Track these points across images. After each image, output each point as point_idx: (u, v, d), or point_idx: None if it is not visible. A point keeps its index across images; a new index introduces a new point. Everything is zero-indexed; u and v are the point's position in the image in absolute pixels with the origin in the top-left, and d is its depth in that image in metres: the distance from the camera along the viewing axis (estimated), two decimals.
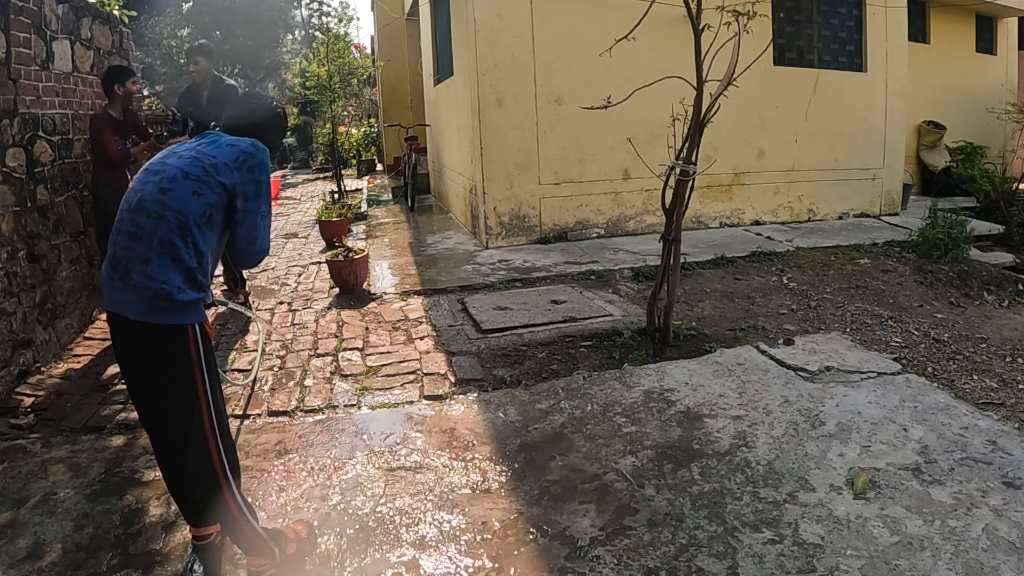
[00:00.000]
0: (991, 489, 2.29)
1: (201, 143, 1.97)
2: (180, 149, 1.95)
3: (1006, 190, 7.56)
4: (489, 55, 6.18)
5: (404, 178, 9.76)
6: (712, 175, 6.81)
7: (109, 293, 1.83)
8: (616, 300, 4.67)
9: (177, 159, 1.90)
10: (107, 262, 1.85)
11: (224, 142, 1.96)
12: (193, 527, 2.00)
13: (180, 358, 1.83)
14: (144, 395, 1.88)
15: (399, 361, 3.71)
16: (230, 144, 1.94)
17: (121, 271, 1.79)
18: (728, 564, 2.00)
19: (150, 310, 1.78)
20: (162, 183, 1.84)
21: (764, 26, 4.57)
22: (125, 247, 1.80)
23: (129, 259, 1.79)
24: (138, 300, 1.78)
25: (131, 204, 1.85)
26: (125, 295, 1.79)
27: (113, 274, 1.81)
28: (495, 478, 2.54)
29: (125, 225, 1.83)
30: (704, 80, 3.50)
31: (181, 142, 2.11)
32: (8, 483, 2.60)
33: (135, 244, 1.79)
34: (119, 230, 1.84)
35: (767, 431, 2.77)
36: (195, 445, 1.89)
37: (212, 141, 1.97)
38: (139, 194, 1.84)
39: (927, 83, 9.30)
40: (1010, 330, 4.31)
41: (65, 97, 4.28)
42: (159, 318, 1.79)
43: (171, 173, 1.85)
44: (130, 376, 1.89)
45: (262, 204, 1.97)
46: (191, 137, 3.57)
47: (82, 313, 4.36)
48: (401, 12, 12.70)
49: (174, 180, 1.84)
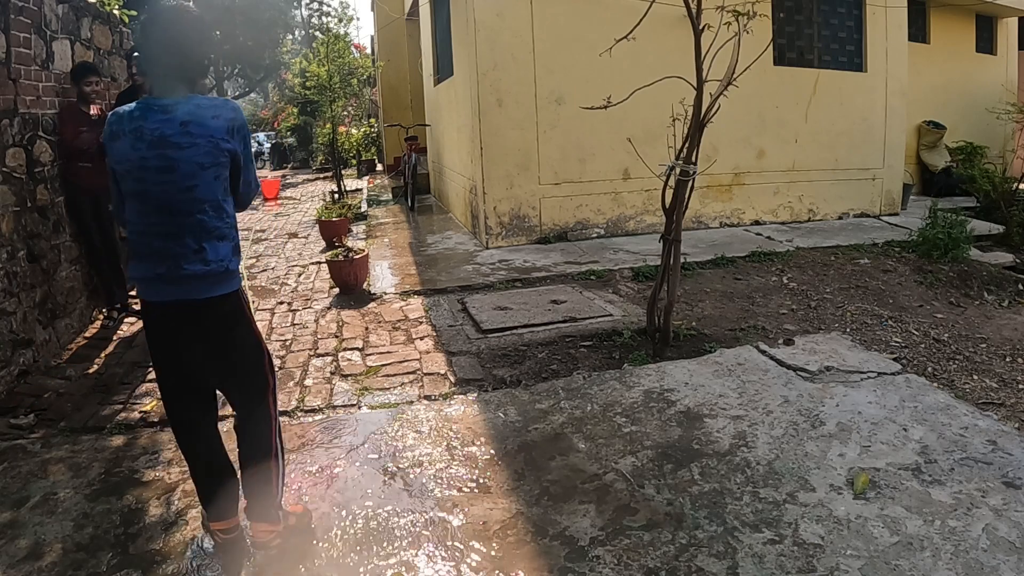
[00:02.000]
0: (991, 489, 2.29)
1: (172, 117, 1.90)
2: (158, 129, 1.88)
3: (1006, 190, 7.56)
4: (489, 55, 6.18)
5: (404, 178, 9.76)
6: (712, 175, 6.81)
7: (158, 288, 1.94)
8: (616, 300, 4.67)
9: (177, 150, 1.88)
10: (144, 263, 1.94)
11: (205, 114, 1.93)
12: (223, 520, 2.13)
13: (242, 318, 2.08)
14: (216, 363, 2.06)
15: (399, 361, 3.71)
16: (213, 116, 1.94)
17: (169, 266, 1.92)
18: (728, 564, 2.00)
19: (211, 286, 1.97)
20: (184, 181, 1.90)
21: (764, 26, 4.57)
22: (165, 246, 1.91)
23: (177, 255, 1.91)
24: (199, 283, 1.95)
25: (153, 207, 1.91)
26: (181, 284, 1.94)
27: (161, 271, 1.92)
28: (495, 478, 2.54)
29: (157, 227, 1.92)
30: (704, 80, 3.50)
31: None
32: (8, 483, 2.60)
33: (178, 242, 1.92)
34: (150, 232, 1.92)
35: (767, 431, 2.77)
36: (262, 392, 2.16)
37: (190, 113, 1.91)
38: (164, 197, 1.90)
39: (927, 83, 9.30)
40: (1010, 330, 4.31)
41: (65, 97, 4.28)
42: (221, 289, 2.00)
43: (188, 168, 1.90)
44: (195, 353, 2.03)
45: (250, 151, 2.12)
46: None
47: (82, 313, 4.36)
48: (401, 12, 12.70)
49: (195, 175, 1.91)
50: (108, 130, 1.95)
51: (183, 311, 1.97)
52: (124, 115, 1.94)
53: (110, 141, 1.94)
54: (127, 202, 1.97)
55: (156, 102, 1.95)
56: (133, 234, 1.97)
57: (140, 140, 1.89)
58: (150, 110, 1.93)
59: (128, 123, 1.92)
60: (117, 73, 5.26)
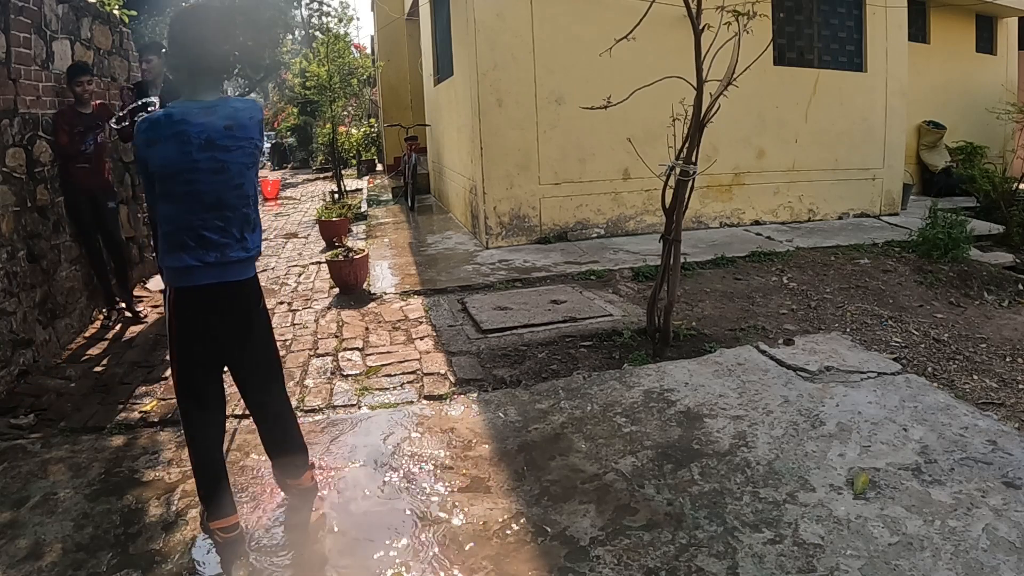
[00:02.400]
0: (991, 489, 2.29)
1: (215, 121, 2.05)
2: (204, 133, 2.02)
3: (1006, 190, 7.56)
4: (489, 55, 6.18)
5: (404, 178, 9.76)
6: (712, 175, 6.81)
7: (204, 273, 2.10)
8: (616, 300, 4.67)
9: (225, 152, 2.06)
10: (191, 253, 2.07)
11: (243, 116, 2.12)
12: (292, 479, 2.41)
13: (262, 296, 2.32)
14: (244, 338, 2.25)
15: (399, 361, 3.71)
16: (250, 117, 2.14)
17: (218, 254, 2.10)
18: (728, 564, 2.00)
19: (246, 269, 2.22)
20: (234, 180, 2.10)
21: (764, 26, 4.57)
22: (215, 238, 2.09)
23: (224, 244, 2.11)
24: (239, 266, 2.17)
25: (207, 204, 2.07)
26: (225, 268, 2.13)
27: (209, 260, 2.09)
28: (495, 478, 2.54)
29: (209, 222, 2.08)
30: (704, 80, 3.50)
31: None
32: (8, 483, 2.60)
33: (227, 233, 2.11)
34: (202, 227, 2.07)
35: (767, 431, 2.77)
36: (279, 365, 2.44)
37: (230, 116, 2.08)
38: (214, 195, 2.07)
39: (927, 83, 9.30)
40: (1010, 330, 4.31)
41: (65, 97, 4.28)
42: (250, 272, 2.25)
43: (236, 169, 2.10)
44: (232, 328, 2.21)
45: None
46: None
47: (82, 313, 4.36)
48: (401, 12, 12.70)
49: (242, 174, 2.12)
50: (143, 138, 2.02)
51: (223, 291, 2.15)
52: (160, 120, 2.02)
53: (148, 148, 2.02)
54: (171, 202, 2.06)
55: (195, 105, 2.06)
56: (180, 229, 2.07)
57: (187, 144, 2.01)
58: (191, 113, 2.03)
59: (167, 128, 2.00)
60: (117, 73, 5.26)
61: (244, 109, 2.13)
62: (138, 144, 2.06)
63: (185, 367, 2.20)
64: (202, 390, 2.23)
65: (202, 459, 2.22)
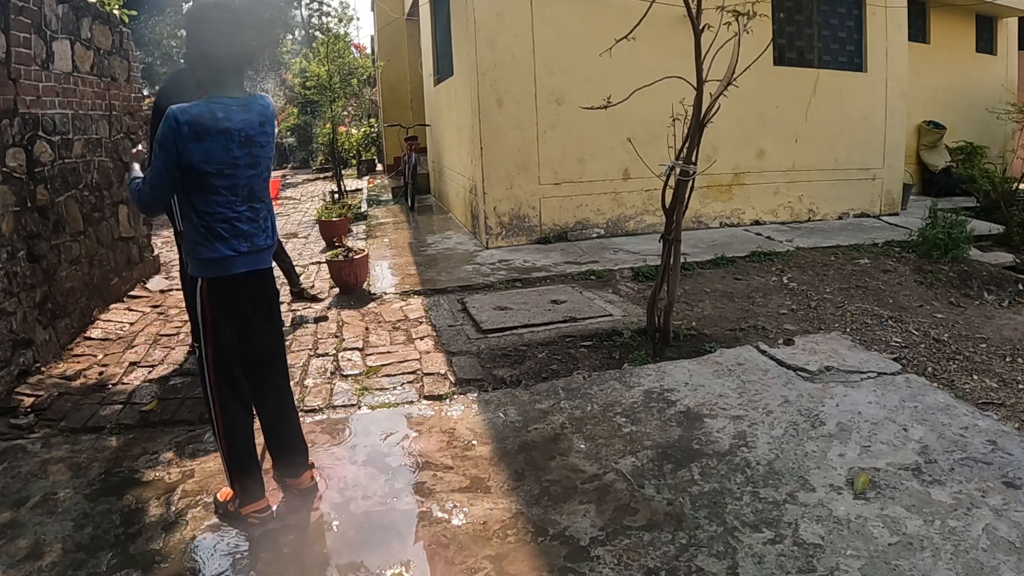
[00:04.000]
0: (991, 489, 2.29)
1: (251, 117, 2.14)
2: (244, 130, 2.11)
3: (1006, 190, 7.56)
4: (489, 55, 6.18)
5: (404, 178, 9.76)
6: (712, 175, 6.81)
7: (238, 262, 2.19)
8: (616, 300, 4.66)
9: (260, 148, 2.17)
10: (227, 244, 2.15)
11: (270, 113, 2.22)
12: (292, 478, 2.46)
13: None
14: (267, 324, 2.34)
15: (399, 361, 3.71)
16: (273, 114, 2.25)
17: (250, 243, 2.20)
18: (728, 564, 2.00)
19: (269, 257, 2.33)
20: (263, 173, 2.23)
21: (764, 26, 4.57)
22: (249, 228, 2.20)
23: (255, 234, 2.22)
24: (266, 254, 2.30)
25: (242, 197, 2.17)
26: (257, 256, 2.25)
27: (244, 249, 2.19)
28: (495, 478, 2.54)
29: (245, 214, 2.19)
30: (704, 80, 3.50)
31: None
32: (8, 483, 2.60)
33: (257, 224, 2.23)
34: (238, 218, 2.16)
35: (767, 431, 2.77)
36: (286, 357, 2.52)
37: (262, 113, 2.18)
38: (248, 188, 2.18)
39: (927, 83, 9.29)
40: (1010, 330, 4.30)
41: (65, 97, 4.28)
42: (271, 260, 2.36)
43: (267, 163, 2.23)
44: (259, 314, 2.30)
45: None
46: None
47: (82, 313, 4.36)
48: (401, 12, 12.70)
49: (268, 168, 2.25)
50: (185, 130, 2.02)
51: (254, 278, 2.26)
52: (205, 117, 2.04)
53: (192, 141, 2.03)
54: (208, 194, 2.10)
55: (232, 102, 2.11)
56: (217, 221, 2.13)
57: (231, 140, 2.08)
58: (231, 110, 2.09)
59: (211, 123, 2.04)
60: (117, 73, 5.25)
61: (269, 105, 2.23)
62: (179, 136, 2.01)
63: (221, 356, 2.25)
64: (237, 378, 2.30)
65: (238, 447, 2.29)
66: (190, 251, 2.19)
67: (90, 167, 4.62)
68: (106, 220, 4.85)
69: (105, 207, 4.86)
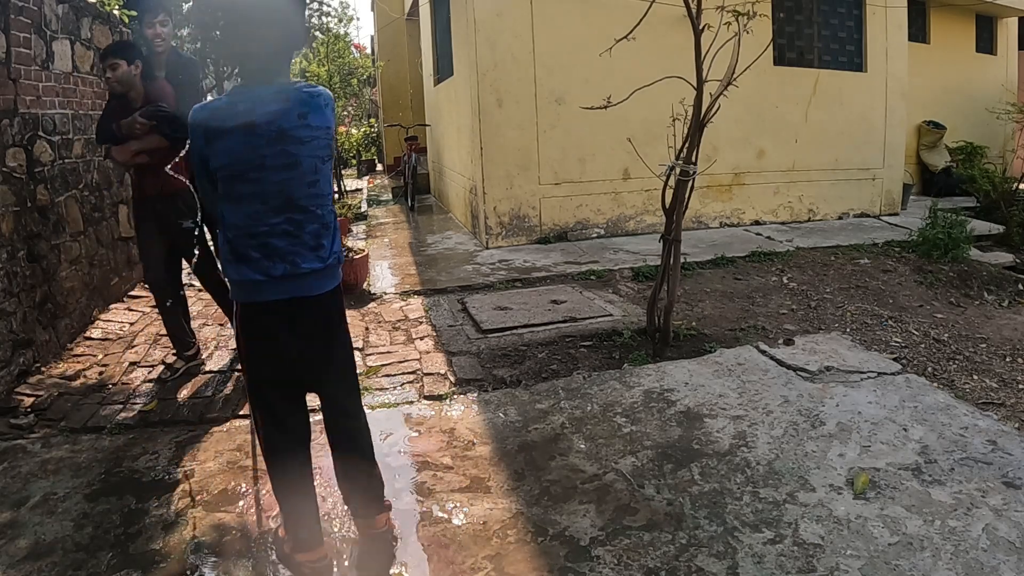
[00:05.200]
0: (991, 489, 2.29)
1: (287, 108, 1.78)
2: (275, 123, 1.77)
3: (1006, 190, 7.56)
4: (489, 55, 6.18)
5: (404, 178, 9.76)
6: (712, 175, 6.81)
7: (271, 288, 1.83)
8: (616, 300, 4.66)
9: (299, 144, 1.80)
10: (255, 265, 1.81)
11: (318, 102, 1.83)
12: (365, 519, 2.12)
13: (343, 311, 2.06)
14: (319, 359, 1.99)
15: (399, 361, 3.71)
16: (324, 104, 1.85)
17: (287, 265, 1.82)
18: (728, 564, 2.00)
19: (324, 281, 1.92)
20: (306, 176, 1.82)
21: (764, 26, 4.57)
22: (284, 246, 1.82)
23: (295, 253, 1.83)
24: (314, 278, 1.88)
25: (273, 207, 1.80)
26: (297, 281, 1.85)
27: (277, 272, 1.81)
28: (495, 478, 2.54)
29: (278, 227, 1.81)
30: (704, 80, 3.50)
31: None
32: (8, 483, 2.60)
33: (297, 240, 1.83)
34: (269, 233, 1.80)
35: (767, 431, 2.77)
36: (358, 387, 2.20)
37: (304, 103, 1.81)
38: (282, 194, 1.79)
39: (927, 83, 9.29)
40: (1010, 330, 4.30)
41: (65, 97, 4.28)
42: (330, 284, 1.94)
43: (310, 164, 1.82)
44: (309, 349, 1.94)
45: None
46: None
47: (82, 313, 4.36)
48: (401, 12, 12.69)
49: (317, 170, 1.84)
50: (202, 130, 1.77)
51: (293, 308, 1.87)
52: (221, 110, 1.77)
53: (211, 141, 1.77)
54: (234, 204, 1.81)
55: (264, 90, 1.79)
56: (243, 237, 1.81)
57: (255, 136, 1.75)
58: (258, 100, 1.77)
59: (230, 119, 1.75)
60: None
61: (318, 94, 1.84)
62: (194, 138, 1.80)
63: (256, 387, 1.99)
64: (278, 411, 1.99)
65: (284, 485, 2.01)
66: (223, 270, 1.91)
67: (90, 167, 4.62)
68: (106, 220, 4.85)
69: (105, 207, 4.86)
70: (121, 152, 3.37)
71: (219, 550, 2.19)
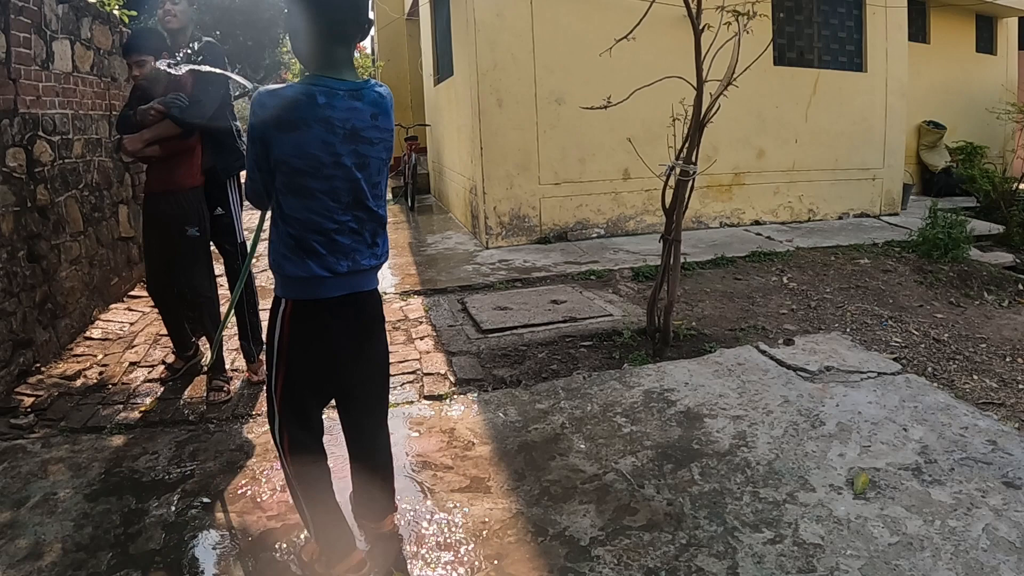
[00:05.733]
0: (991, 489, 2.29)
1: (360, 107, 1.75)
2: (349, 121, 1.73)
3: (1006, 190, 7.56)
4: (489, 55, 6.18)
5: (404, 178, 9.76)
6: (712, 175, 6.81)
7: (334, 283, 1.83)
8: (616, 300, 4.66)
9: (369, 146, 1.79)
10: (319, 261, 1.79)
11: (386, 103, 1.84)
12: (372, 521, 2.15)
13: (383, 311, 2.08)
14: (364, 357, 2.00)
15: (399, 361, 3.71)
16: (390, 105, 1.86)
17: (350, 262, 1.83)
18: (728, 564, 2.00)
19: (373, 278, 1.96)
20: (373, 178, 1.84)
21: (764, 26, 4.57)
22: (349, 243, 1.82)
23: (357, 250, 1.84)
24: (369, 275, 1.93)
25: (344, 204, 1.79)
26: (357, 278, 1.88)
27: (341, 268, 1.82)
28: (495, 478, 2.54)
29: (346, 224, 1.81)
30: (704, 80, 3.50)
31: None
32: (8, 483, 2.60)
33: (360, 237, 1.85)
34: (338, 229, 1.79)
35: (767, 431, 2.77)
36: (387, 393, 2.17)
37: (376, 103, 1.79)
38: (351, 193, 1.79)
39: (927, 83, 9.30)
40: (1010, 330, 4.30)
41: (65, 97, 4.28)
42: (376, 281, 1.99)
43: (376, 166, 1.83)
44: (351, 346, 1.95)
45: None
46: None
47: (82, 313, 4.36)
48: (401, 12, 12.69)
49: (381, 171, 1.87)
50: (273, 118, 1.68)
51: (350, 304, 1.89)
52: (301, 101, 1.68)
53: (282, 131, 1.68)
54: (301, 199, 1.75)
55: (340, 84, 1.72)
56: (310, 232, 1.77)
57: (332, 134, 1.71)
58: (336, 95, 1.71)
59: (309, 110, 1.68)
60: (117, 73, 5.25)
61: (387, 96, 1.84)
62: (261, 124, 1.70)
63: (293, 389, 1.90)
64: (312, 414, 1.96)
65: (315, 495, 1.94)
66: (275, 264, 1.85)
67: (90, 167, 4.62)
68: (106, 220, 4.85)
69: (105, 207, 4.86)
70: (133, 141, 3.25)
71: (219, 550, 2.19)
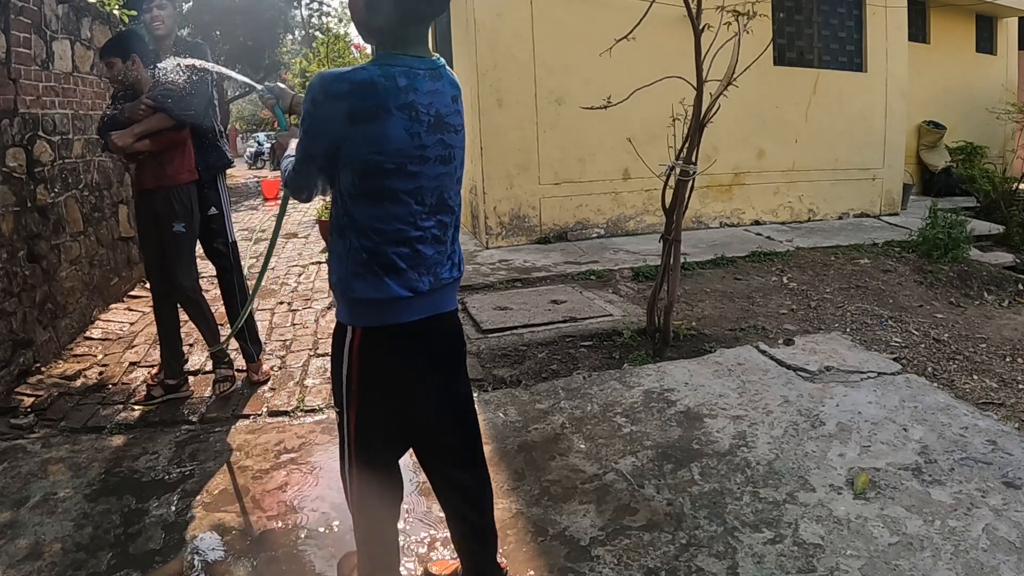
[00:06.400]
0: (991, 489, 2.29)
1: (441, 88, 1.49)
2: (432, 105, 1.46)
3: (1006, 190, 7.56)
4: (489, 55, 6.18)
5: None
6: (712, 175, 6.81)
7: (417, 305, 1.53)
8: (616, 300, 4.67)
9: (453, 134, 1.53)
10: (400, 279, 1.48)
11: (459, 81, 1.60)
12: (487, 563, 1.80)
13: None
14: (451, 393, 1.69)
15: None
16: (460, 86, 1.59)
17: (430, 279, 1.53)
18: (728, 564, 2.00)
19: (454, 295, 1.66)
20: (456, 172, 1.56)
21: (764, 26, 4.57)
22: (432, 254, 1.53)
23: (440, 261, 1.56)
24: (450, 291, 1.63)
25: (429, 207, 1.50)
26: (437, 296, 1.57)
27: (422, 286, 1.52)
28: (495, 478, 2.52)
29: (432, 231, 1.52)
30: (704, 80, 3.50)
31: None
32: (8, 483, 2.60)
33: (442, 246, 1.56)
34: (422, 237, 1.50)
35: (767, 431, 2.77)
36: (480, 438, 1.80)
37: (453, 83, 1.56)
38: (437, 193, 1.50)
39: (927, 83, 9.30)
40: (1010, 330, 4.30)
41: (65, 97, 4.28)
42: (457, 301, 1.68)
43: (460, 156, 1.57)
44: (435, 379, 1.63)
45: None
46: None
47: (82, 313, 4.36)
48: None
49: (463, 164, 1.59)
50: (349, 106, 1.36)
51: (435, 328, 1.58)
52: (377, 83, 1.37)
53: (357, 122, 1.37)
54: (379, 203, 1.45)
55: (420, 63, 1.44)
56: (389, 243, 1.47)
57: (416, 122, 1.42)
58: (417, 76, 1.42)
59: (389, 95, 1.38)
60: None
61: (454, 75, 1.58)
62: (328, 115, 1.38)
63: (367, 435, 1.59)
64: (391, 466, 1.68)
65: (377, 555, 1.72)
66: (342, 285, 1.51)
67: (90, 167, 4.62)
68: (106, 220, 4.86)
69: (105, 207, 4.86)
70: (122, 137, 3.23)
71: (219, 550, 2.19)
